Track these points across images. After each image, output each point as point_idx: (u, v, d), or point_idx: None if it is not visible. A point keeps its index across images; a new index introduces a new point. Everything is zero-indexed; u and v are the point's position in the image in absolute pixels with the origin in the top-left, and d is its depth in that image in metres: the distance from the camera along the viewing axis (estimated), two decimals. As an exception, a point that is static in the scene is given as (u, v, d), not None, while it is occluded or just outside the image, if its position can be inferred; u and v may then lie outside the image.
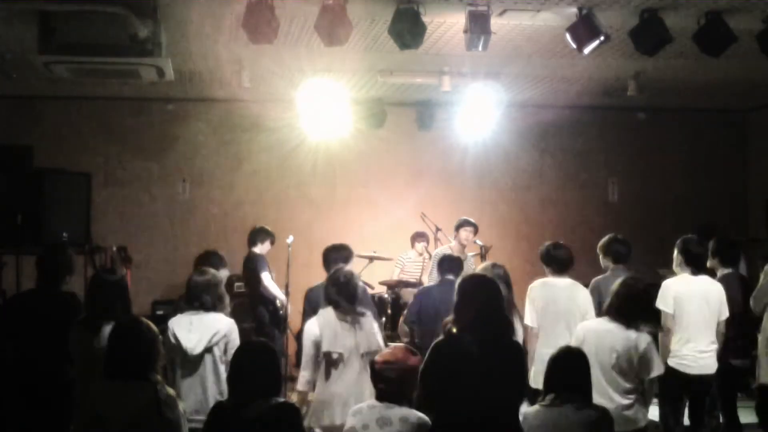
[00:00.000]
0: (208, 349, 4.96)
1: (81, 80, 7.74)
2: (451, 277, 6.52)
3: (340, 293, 5.30)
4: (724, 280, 6.31)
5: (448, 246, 8.24)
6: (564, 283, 6.05)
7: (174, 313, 5.39)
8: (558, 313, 5.91)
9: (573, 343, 5.08)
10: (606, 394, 4.93)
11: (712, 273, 6.45)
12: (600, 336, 5.06)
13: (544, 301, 5.97)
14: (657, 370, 5.09)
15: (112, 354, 3.92)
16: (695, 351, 5.80)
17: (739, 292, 6.37)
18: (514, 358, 4.03)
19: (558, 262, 6.12)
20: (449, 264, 6.78)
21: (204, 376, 4.95)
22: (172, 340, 4.99)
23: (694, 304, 5.82)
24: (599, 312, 5.55)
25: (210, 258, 6.24)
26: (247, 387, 3.76)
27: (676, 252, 6.06)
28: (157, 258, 10.13)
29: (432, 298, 6.45)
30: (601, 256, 6.48)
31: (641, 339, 5.03)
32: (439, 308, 6.05)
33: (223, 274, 5.90)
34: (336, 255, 6.36)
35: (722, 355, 6.03)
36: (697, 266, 5.97)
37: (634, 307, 5.12)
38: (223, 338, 4.97)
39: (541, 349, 5.74)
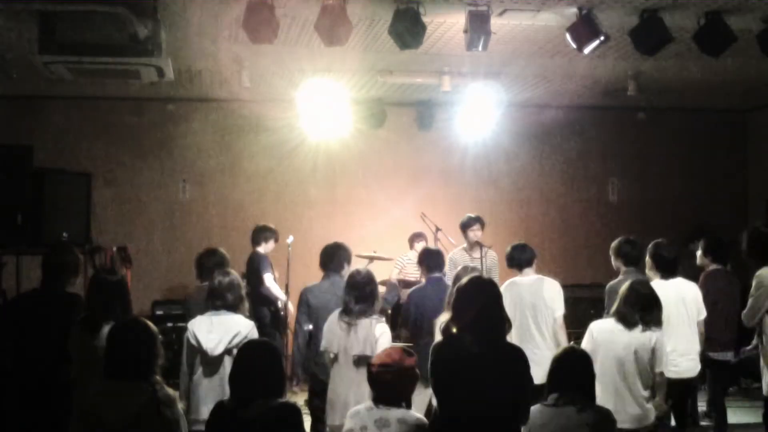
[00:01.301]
0: (228, 351, 4.95)
1: (81, 80, 7.74)
2: (437, 273, 6.56)
3: (350, 294, 5.38)
4: (712, 276, 6.36)
5: (461, 248, 8.19)
6: (529, 280, 6.35)
7: (189, 313, 5.42)
8: (524, 310, 6.20)
9: (584, 342, 5.23)
10: (623, 391, 5.03)
11: (700, 270, 6.52)
12: (614, 335, 5.14)
13: (511, 300, 6.11)
14: (663, 365, 5.22)
15: (111, 354, 3.92)
16: (677, 355, 5.82)
17: (727, 288, 6.42)
18: (514, 358, 4.02)
19: (518, 262, 6.43)
20: (436, 259, 6.71)
21: (223, 377, 4.91)
22: (192, 341, 5.00)
23: (673, 309, 5.82)
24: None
25: (216, 255, 6.23)
26: (249, 387, 3.76)
27: (647, 257, 6.08)
28: (157, 258, 10.14)
29: (425, 298, 6.43)
30: (612, 258, 6.49)
31: (653, 335, 5.15)
32: (437, 306, 6.06)
33: None
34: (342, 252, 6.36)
35: (706, 351, 6.07)
36: (668, 271, 5.98)
37: (641, 310, 5.18)
38: (243, 340, 4.95)
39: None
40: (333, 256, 6.32)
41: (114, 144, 10.23)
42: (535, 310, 6.21)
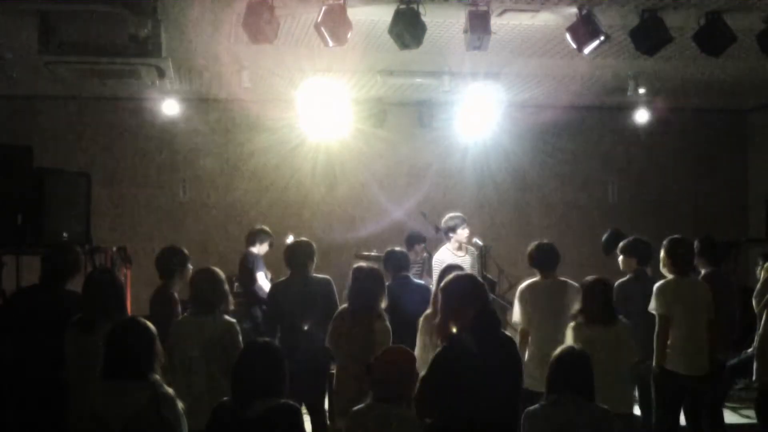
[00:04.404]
0: (204, 351, 4.95)
1: (81, 80, 7.74)
2: (405, 273, 6.58)
3: (357, 297, 5.40)
4: (708, 278, 6.35)
5: (445, 248, 8.18)
6: (550, 283, 6.09)
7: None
8: (546, 313, 5.95)
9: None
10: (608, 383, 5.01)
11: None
12: (584, 331, 5.22)
13: (533, 302, 5.99)
14: (635, 356, 5.35)
15: (110, 354, 3.91)
16: (688, 353, 5.80)
17: (725, 290, 6.41)
18: (511, 353, 4.06)
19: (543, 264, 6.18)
20: (404, 261, 6.72)
21: (199, 375, 4.95)
22: (173, 340, 5.01)
23: (687, 306, 5.81)
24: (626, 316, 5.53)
25: (177, 253, 6.06)
26: (248, 387, 3.76)
27: (663, 253, 6.05)
28: (157, 258, 10.12)
29: (390, 296, 6.42)
30: (622, 258, 6.43)
31: (623, 328, 5.24)
32: (397, 305, 6.09)
33: (189, 269, 5.91)
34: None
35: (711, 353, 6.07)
36: (685, 268, 5.96)
37: (601, 305, 5.23)
38: (220, 339, 4.97)
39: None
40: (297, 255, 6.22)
41: (114, 144, 10.23)
42: (558, 314, 5.95)
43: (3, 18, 6.44)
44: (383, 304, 5.50)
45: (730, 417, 7.16)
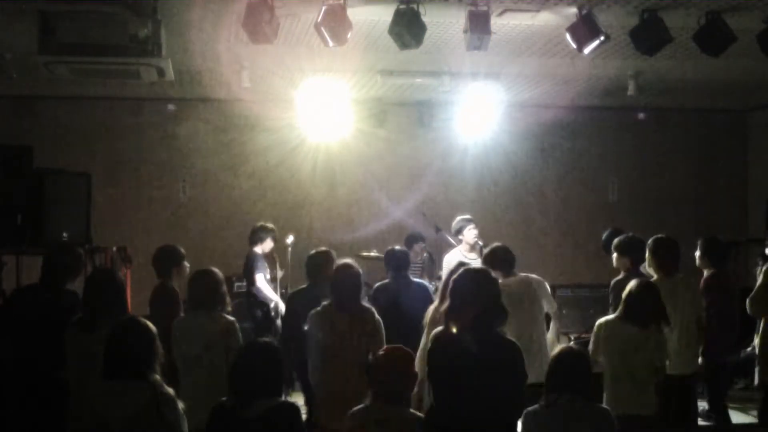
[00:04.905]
0: (206, 349, 4.97)
1: (81, 80, 7.74)
2: (403, 272, 6.59)
3: (342, 292, 5.33)
4: (712, 278, 6.35)
5: (457, 250, 8.16)
6: (517, 280, 6.12)
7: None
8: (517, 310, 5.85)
9: (592, 337, 5.32)
10: (626, 379, 5.12)
11: (699, 272, 6.50)
12: (619, 330, 5.23)
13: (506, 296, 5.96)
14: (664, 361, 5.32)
15: (110, 354, 3.92)
16: (674, 352, 5.80)
17: (728, 289, 6.40)
18: (511, 354, 4.05)
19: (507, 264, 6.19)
20: (404, 260, 6.73)
21: (203, 375, 4.97)
22: (174, 339, 5.03)
23: (669, 306, 5.81)
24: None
25: (173, 252, 6.06)
26: (248, 387, 3.77)
27: (648, 253, 6.04)
28: (157, 258, 10.11)
29: (390, 295, 6.41)
30: (615, 256, 6.42)
31: (656, 332, 5.22)
32: (398, 304, 6.20)
33: (185, 267, 5.93)
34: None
35: (709, 352, 6.06)
36: (669, 267, 5.95)
37: (651, 309, 5.23)
38: (221, 338, 4.98)
39: None
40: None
41: (114, 144, 10.23)
42: (530, 310, 6.05)
43: (3, 18, 6.44)
44: (365, 303, 5.48)
45: (733, 417, 7.15)
